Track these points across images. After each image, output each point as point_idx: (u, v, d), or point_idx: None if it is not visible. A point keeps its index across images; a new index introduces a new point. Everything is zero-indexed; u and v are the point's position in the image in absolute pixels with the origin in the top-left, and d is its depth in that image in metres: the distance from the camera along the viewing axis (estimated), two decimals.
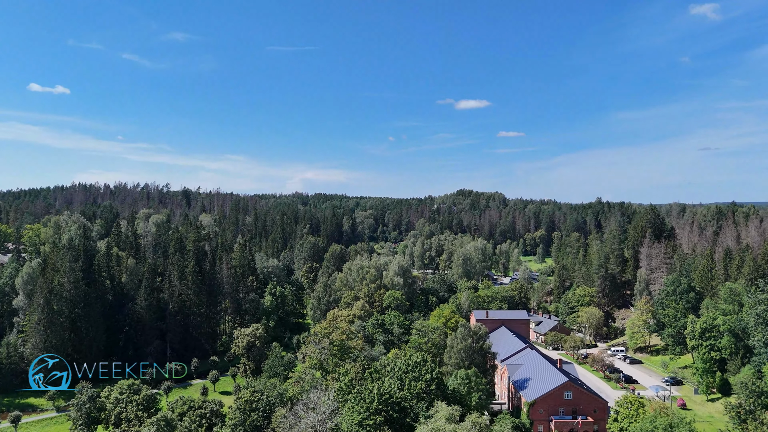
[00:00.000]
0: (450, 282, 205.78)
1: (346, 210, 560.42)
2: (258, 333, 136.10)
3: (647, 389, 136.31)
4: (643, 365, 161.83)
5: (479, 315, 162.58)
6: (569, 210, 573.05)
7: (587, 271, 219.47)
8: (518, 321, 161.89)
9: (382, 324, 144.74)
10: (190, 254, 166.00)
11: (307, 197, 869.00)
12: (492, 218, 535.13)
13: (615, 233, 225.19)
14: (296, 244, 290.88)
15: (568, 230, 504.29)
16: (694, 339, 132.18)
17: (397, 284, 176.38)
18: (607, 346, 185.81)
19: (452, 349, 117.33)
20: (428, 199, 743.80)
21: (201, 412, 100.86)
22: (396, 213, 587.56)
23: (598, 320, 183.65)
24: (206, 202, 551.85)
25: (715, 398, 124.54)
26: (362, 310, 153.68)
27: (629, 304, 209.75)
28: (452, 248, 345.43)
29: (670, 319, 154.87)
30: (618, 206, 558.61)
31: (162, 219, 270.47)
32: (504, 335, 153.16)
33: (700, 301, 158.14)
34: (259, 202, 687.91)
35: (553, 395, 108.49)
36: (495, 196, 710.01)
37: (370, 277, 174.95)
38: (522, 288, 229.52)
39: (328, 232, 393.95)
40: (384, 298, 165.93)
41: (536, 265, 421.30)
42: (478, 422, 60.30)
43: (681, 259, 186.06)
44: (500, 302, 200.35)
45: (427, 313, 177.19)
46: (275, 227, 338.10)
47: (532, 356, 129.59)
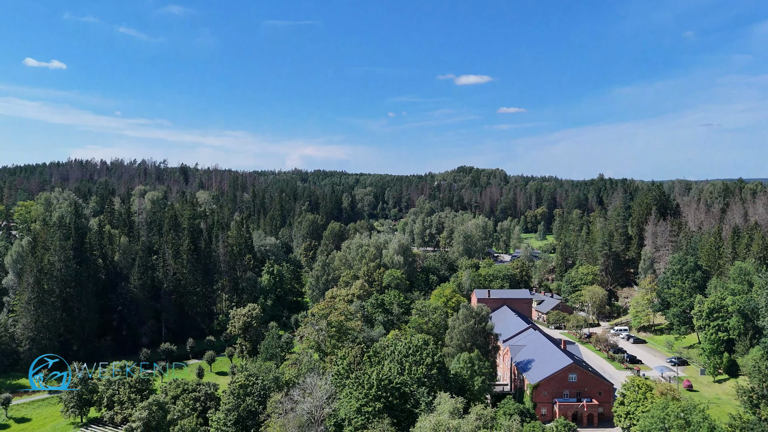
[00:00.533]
0: (451, 260, 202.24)
1: (346, 187, 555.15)
2: (254, 313, 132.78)
3: (652, 370, 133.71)
4: (646, 345, 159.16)
5: (481, 294, 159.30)
6: (571, 187, 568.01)
7: (590, 249, 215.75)
8: (520, 300, 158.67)
9: (382, 304, 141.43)
10: (185, 232, 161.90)
11: (307, 174, 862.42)
12: (493, 195, 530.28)
13: (619, 210, 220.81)
14: (295, 221, 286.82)
15: (570, 207, 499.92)
16: (702, 319, 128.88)
17: (397, 263, 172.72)
18: (610, 325, 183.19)
19: (454, 330, 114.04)
20: (428, 176, 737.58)
21: (195, 395, 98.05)
22: (396, 190, 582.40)
23: (601, 299, 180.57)
24: (204, 178, 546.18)
25: (722, 379, 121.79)
26: (361, 290, 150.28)
27: (632, 283, 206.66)
28: (453, 226, 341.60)
29: (675, 298, 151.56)
30: (621, 183, 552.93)
31: (158, 196, 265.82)
32: (506, 315, 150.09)
33: (707, 280, 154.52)
34: (258, 179, 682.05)
35: (557, 378, 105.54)
36: (496, 172, 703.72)
37: (369, 255, 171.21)
38: (524, 266, 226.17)
39: (327, 210, 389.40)
40: (383, 277, 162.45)
41: (537, 242, 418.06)
42: (483, 414, 56.89)
43: (687, 237, 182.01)
44: (502, 281, 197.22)
45: (427, 292, 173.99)
46: (274, 204, 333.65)
47: (535, 337, 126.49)
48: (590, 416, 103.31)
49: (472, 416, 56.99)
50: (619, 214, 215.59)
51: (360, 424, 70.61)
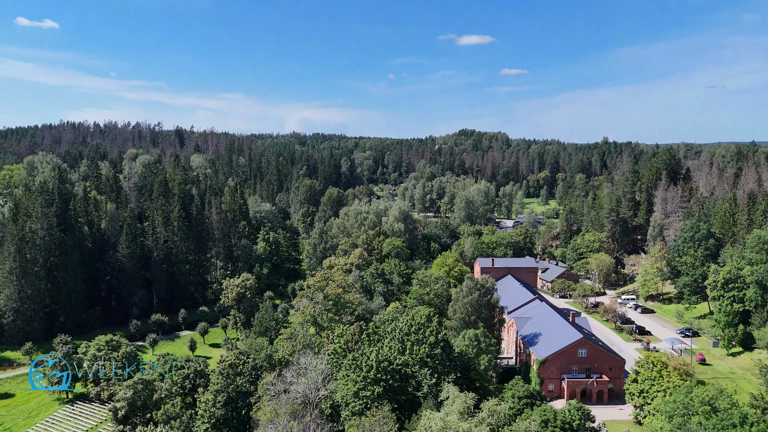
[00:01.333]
0: (452, 227, 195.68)
1: (345, 151, 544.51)
2: (248, 283, 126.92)
3: (662, 341, 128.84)
4: (655, 315, 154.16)
5: (484, 263, 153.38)
6: (574, 150, 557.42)
7: (597, 215, 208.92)
8: (525, 269, 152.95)
9: (382, 274, 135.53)
10: (176, 198, 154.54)
11: (305, 137, 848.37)
12: (495, 159, 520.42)
13: (627, 175, 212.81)
14: (292, 186, 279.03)
15: (573, 171, 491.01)
16: (716, 289, 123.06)
17: (398, 231, 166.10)
18: (616, 294, 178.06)
19: (457, 303, 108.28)
20: (429, 139, 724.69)
21: (184, 372, 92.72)
22: (396, 154, 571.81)
23: (608, 267, 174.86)
24: (200, 142, 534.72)
25: (736, 352, 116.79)
26: (360, 259, 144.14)
27: (640, 250, 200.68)
28: (454, 191, 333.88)
29: (687, 267, 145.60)
30: (625, 146, 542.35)
31: (150, 159, 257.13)
32: (510, 285, 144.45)
33: (720, 249, 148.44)
34: (255, 143, 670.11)
35: (566, 353, 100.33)
36: (498, 136, 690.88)
37: (368, 223, 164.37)
38: (527, 233, 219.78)
39: (325, 174, 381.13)
40: (383, 246, 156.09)
41: (540, 207, 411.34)
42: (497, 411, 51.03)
43: (699, 203, 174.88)
44: (505, 248, 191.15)
45: (429, 260, 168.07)
46: (270, 169, 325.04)
47: (542, 309, 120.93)
48: (600, 393, 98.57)
49: (484, 413, 51.08)
50: (627, 179, 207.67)
51: (358, 409, 65.08)
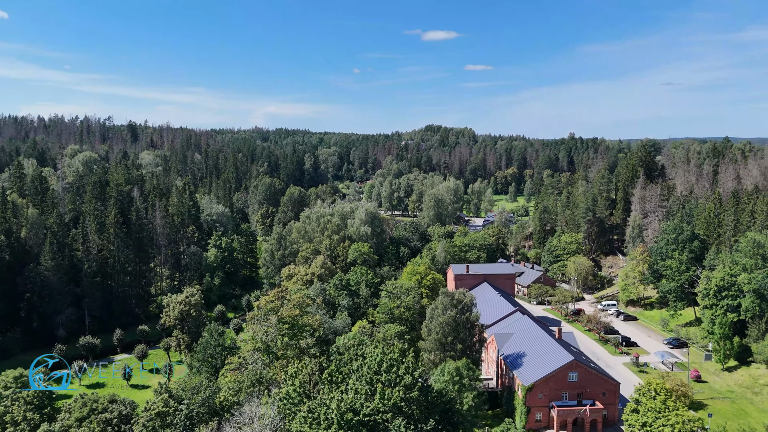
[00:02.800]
0: (422, 229, 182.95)
1: (309, 147, 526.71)
2: (193, 300, 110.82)
3: (650, 354, 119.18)
4: (638, 322, 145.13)
5: (458, 270, 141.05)
6: (541, 146, 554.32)
7: (572, 214, 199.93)
8: (503, 276, 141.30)
9: (347, 285, 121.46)
10: (112, 201, 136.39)
11: (268, 133, 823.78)
12: (462, 155, 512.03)
13: (603, 173, 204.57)
14: (251, 185, 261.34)
15: (541, 168, 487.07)
16: (709, 297, 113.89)
17: (364, 235, 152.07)
18: (595, 298, 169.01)
19: (432, 322, 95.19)
20: (395, 135, 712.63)
21: (106, 417, 76.60)
22: (362, 150, 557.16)
23: (587, 271, 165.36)
24: (155, 137, 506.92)
25: (731, 367, 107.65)
26: (323, 268, 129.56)
27: (617, 251, 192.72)
28: (422, 188, 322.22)
29: (672, 271, 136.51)
30: (591, 142, 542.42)
31: (93, 157, 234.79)
32: (487, 294, 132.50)
33: (705, 251, 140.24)
34: (215, 138, 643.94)
35: (556, 377, 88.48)
36: (464, 131, 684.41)
37: (332, 227, 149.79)
38: (500, 233, 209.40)
39: (288, 172, 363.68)
40: (349, 252, 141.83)
41: (508, 204, 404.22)
42: None
43: (679, 202, 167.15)
44: (478, 251, 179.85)
45: (398, 267, 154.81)
46: (228, 166, 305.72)
47: (525, 323, 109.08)
48: (593, 422, 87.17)
49: None
50: (603, 177, 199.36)
51: None
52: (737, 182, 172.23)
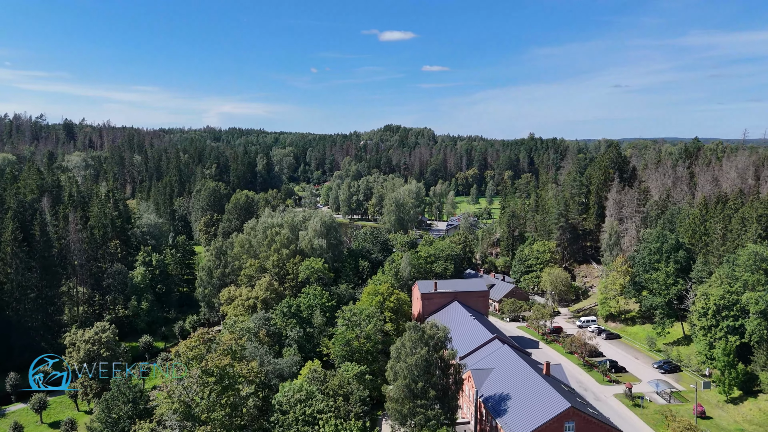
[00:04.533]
0: (384, 239, 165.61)
1: (263, 147, 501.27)
2: (104, 337, 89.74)
3: (642, 382, 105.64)
4: (621, 341, 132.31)
5: (425, 288, 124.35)
6: (501, 147, 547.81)
7: (542, 220, 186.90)
8: (475, 294, 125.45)
9: (297, 312, 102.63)
10: (9, 213, 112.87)
11: (221, 132, 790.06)
12: (422, 156, 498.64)
13: (574, 176, 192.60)
14: (195, 189, 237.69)
15: (501, 168, 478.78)
16: (706, 317, 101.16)
17: (319, 248, 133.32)
18: (571, 312, 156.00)
19: (398, 363, 77.85)
20: (354, 135, 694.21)
21: None
22: (319, 150, 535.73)
23: (563, 284, 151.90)
24: (95, 137, 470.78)
25: (735, 398, 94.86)
26: (268, 291, 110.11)
27: (591, 259, 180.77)
28: (382, 191, 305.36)
29: (659, 285, 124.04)
30: (551, 142, 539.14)
31: (9, 159, 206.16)
32: (459, 315, 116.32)
33: (691, 262, 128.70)
34: (162, 138, 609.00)
35: (549, 429, 72.78)
36: (424, 132, 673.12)
37: (281, 240, 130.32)
38: (467, 241, 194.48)
39: (238, 174, 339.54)
40: (300, 269, 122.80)
41: (470, 206, 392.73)
42: None
43: (658, 207, 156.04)
44: (445, 262, 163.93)
45: (358, 284, 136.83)
46: (170, 168, 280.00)
47: (506, 355, 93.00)
48: None
49: None
50: (575, 180, 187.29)
51: None
52: (715, 185, 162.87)
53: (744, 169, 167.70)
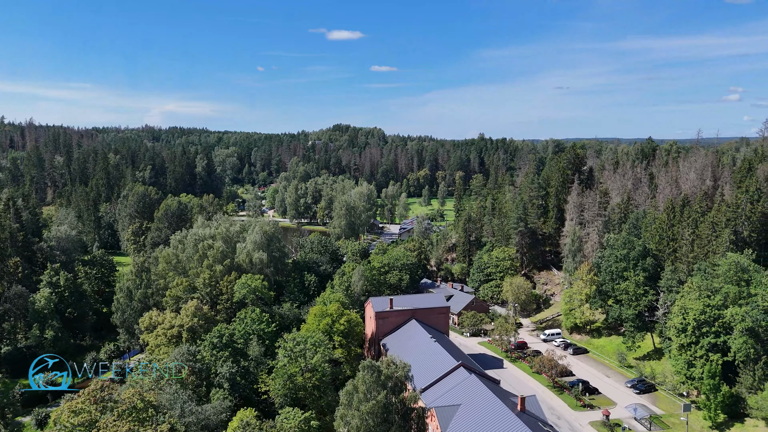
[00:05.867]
0: (333, 248, 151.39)
1: (205, 147, 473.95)
2: None
3: (616, 406, 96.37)
4: (589, 356, 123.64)
5: (379, 305, 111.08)
6: (452, 147, 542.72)
7: (500, 224, 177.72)
8: (435, 311, 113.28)
9: (230, 342, 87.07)
10: None
11: (160, 132, 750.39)
12: (373, 157, 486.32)
13: (532, 177, 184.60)
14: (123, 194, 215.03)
15: (453, 169, 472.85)
16: (686, 335, 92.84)
17: (259, 262, 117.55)
18: (533, 323, 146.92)
19: (350, 410, 64.30)
20: (302, 134, 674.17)
21: None
22: (265, 150, 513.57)
23: (526, 294, 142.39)
24: (16, 136, 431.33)
25: (720, 423, 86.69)
26: (196, 318, 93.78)
27: (551, 265, 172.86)
28: (332, 194, 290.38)
29: (628, 296, 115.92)
30: (500, 143, 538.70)
31: None
32: (417, 336, 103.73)
33: (659, 270, 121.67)
34: (94, 138, 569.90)
35: None
36: (374, 131, 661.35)
37: (214, 254, 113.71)
38: (422, 247, 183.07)
39: (176, 176, 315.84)
40: (236, 288, 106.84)
41: (422, 208, 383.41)
42: None
43: (621, 211, 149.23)
44: (400, 272, 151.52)
45: (304, 302, 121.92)
46: (97, 171, 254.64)
47: (474, 388, 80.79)
48: None
49: None
50: (533, 182, 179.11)
51: None
52: (675, 187, 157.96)
53: (702, 170, 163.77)
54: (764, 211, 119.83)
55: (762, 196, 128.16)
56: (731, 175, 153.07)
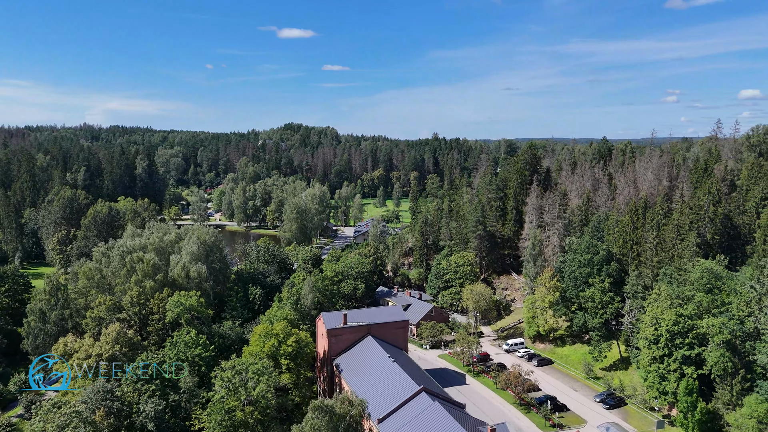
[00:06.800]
0: (282, 256, 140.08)
1: (148, 147, 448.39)
2: None
3: (589, 426, 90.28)
4: (555, 366, 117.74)
5: (332, 321, 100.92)
6: (406, 147, 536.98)
7: (458, 227, 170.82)
8: (393, 325, 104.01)
9: (158, 373, 74.99)
10: None
11: (100, 131, 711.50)
12: (326, 156, 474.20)
13: (490, 178, 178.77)
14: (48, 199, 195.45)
15: (407, 169, 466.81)
16: (659, 347, 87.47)
17: (196, 276, 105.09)
18: (494, 332, 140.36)
19: None
20: (252, 133, 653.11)
21: None
22: (212, 150, 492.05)
23: (487, 302, 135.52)
24: None
25: None
26: (118, 345, 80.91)
27: (510, 269, 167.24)
28: (283, 196, 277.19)
29: (594, 304, 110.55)
30: (454, 143, 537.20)
31: None
32: (374, 357, 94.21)
33: (624, 275, 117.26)
34: (26, 137, 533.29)
35: None
36: (327, 131, 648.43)
37: (144, 268, 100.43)
38: (377, 252, 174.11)
39: (113, 178, 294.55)
40: (168, 308, 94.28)
41: (377, 209, 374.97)
42: None
43: (581, 213, 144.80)
44: (354, 281, 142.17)
45: (249, 318, 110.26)
46: (22, 173, 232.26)
47: (438, 418, 72.12)
48: None
49: None
50: (491, 184, 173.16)
51: None
52: (634, 188, 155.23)
53: (659, 170, 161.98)
54: (726, 213, 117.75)
55: (723, 198, 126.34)
56: (688, 176, 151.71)
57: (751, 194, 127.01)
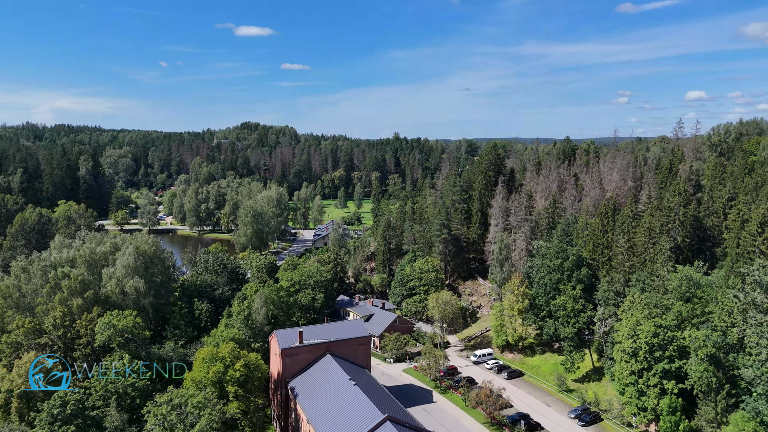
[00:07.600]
0: (234, 265, 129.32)
1: (94, 147, 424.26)
2: None
3: None
4: (526, 378, 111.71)
5: (286, 340, 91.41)
6: (367, 147, 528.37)
7: (422, 231, 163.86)
8: (354, 342, 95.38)
9: (80, 410, 64.29)
10: None
11: (44, 130, 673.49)
12: (284, 156, 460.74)
13: (454, 180, 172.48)
14: None
15: (369, 169, 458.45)
16: (638, 359, 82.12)
17: (133, 292, 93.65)
18: (461, 341, 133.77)
19: None
20: (207, 133, 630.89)
21: None
22: (164, 150, 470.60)
23: (453, 310, 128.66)
24: None
25: None
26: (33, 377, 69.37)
27: (477, 274, 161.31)
28: (238, 198, 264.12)
29: (566, 312, 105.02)
30: (416, 143, 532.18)
31: None
32: (333, 379, 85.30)
33: (594, 280, 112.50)
34: None
35: None
36: (285, 130, 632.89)
37: (71, 285, 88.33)
38: (337, 258, 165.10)
39: (54, 180, 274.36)
40: (97, 330, 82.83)
41: (338, 211, 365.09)
42: None
43: (548, 216, 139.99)
44: (313, 290, 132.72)
45: (194, 337, 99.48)
46: None
47: None
48: None
49: None
50: (455, 185, 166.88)
51: None
52: (601, 189, 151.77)
53: (624, 171, 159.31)
54: (695, 214, 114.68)
55: (691, 200, 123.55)
56: (653, 176, 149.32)
57: (717, 195, 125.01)
